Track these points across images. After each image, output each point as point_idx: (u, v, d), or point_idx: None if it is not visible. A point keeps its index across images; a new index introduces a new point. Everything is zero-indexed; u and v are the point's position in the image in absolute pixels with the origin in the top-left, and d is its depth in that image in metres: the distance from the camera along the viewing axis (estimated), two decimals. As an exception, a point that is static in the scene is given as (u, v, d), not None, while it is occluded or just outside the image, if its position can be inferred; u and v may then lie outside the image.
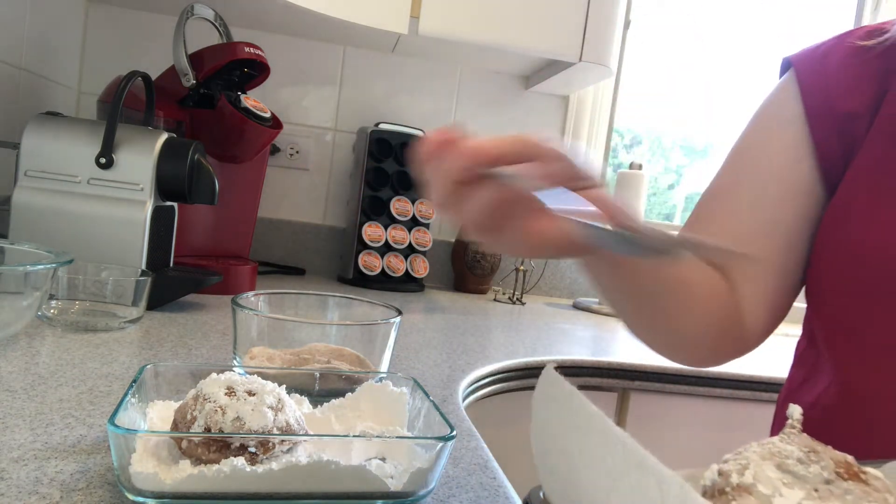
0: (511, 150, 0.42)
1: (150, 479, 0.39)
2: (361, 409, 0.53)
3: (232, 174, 1.22)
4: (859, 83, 0.60)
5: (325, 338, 0.65)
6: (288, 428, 0.44)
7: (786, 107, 0.64)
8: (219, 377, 0.46)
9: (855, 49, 0.62)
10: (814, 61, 0.64)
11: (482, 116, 1.68)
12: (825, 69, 0.63)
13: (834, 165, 0.61)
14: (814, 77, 0.63)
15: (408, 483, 0.43)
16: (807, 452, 0.32)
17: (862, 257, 0.56)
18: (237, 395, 0.44)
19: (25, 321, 0.70)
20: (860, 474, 0.31)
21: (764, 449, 0.32)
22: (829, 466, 0.31)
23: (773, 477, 0.31)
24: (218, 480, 0.39)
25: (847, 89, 0.61)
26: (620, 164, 1.97)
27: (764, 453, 0.32)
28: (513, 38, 1.35)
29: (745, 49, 1.93)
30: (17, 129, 0.98)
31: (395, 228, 1.47)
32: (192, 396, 0.45)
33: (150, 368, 0.50)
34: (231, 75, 1.20)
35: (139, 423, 0.46)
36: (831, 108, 0.61)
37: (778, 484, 0.30)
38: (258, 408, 0.43)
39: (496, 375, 0.93)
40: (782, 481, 0.30)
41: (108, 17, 1.47)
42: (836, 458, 0.32)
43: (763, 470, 0.31)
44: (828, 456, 0.32)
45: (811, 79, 0.63)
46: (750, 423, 1.14)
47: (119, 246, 0.92)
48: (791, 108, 0.63)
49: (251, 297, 0.70)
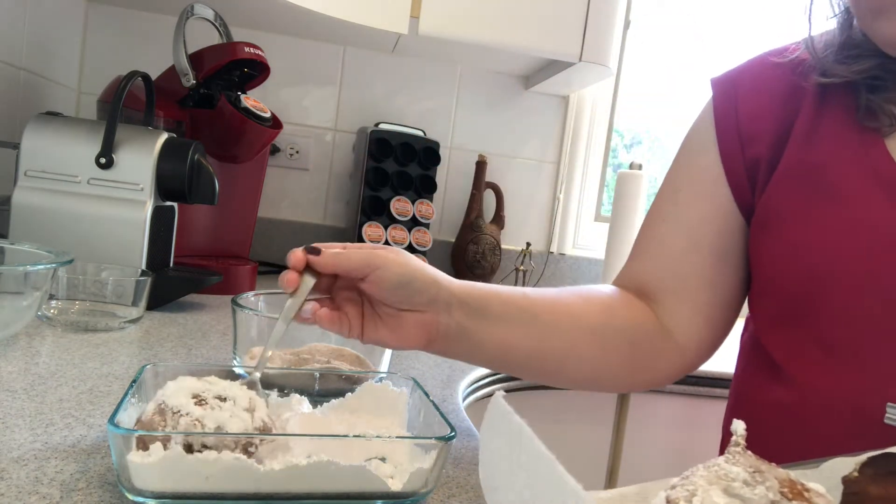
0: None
1: (150, 474, 0.39)
2: (361, 409, 0.53)
3: (232, 174, 1.22)
4: (764, 103, 0.62)
5: (325, 338, 0.65)
6: (264, 427, 0.44)
7: (704, 131, 0.66)
8: (178, 384, 0.43)
9: (766, 66, 0.64)
10: (728, 84, 0.66)
11: (482, 116, 1.68)
12: (736, 91, 0.65)
13: (743, 191, 0.63)
14: (725, 101, 0.65)
15: (408, 483, 0.43)
16: (752, 473, 0.32)
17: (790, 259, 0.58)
18: (208, 403, 0.42)
19: (25, 321, 0.70)
20: (804, 493, 0.32)
21: (710, 472, 0.33)
22: (773, 487, 0.32)
23: (720, 503, 0.31)
24: (219, 480, 0.39)
25: (753, 111, 0.63)
26: (620, 164, 1.97)
27: (710, 477, 0.32)
28: (513, 38, 1.35)
29: (745, 49, 1.92)
30: (17, 129, 0.98)
31: (395, 228, 1.47)
32: (156, 411, 0.42)
33: (150, 368, 0.50)
34: (231, 75, 1.20)
35: None
36: (738, 132, 0.63)
37: None
38: (236, 413, 0.42)
39: (496, 375, 0.93)
40: None
41: (108, 17, 1.47)
42: (781, 477, 0.33)
43: (710, 496, 0.31)
44: (772, 475, 0.32)
45: (722, 103, 0.65)
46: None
47: (119, 246, 0.92)
48: (708, 132, 0.66)
49: (251, 297, 0.70)
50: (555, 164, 1.74)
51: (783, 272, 0.59)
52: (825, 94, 0.60)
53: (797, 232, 0.58)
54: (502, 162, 1.70)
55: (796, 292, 0.58)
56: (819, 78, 0.59)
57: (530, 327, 0.59)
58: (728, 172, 0.63)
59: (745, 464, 0.33)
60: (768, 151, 0.61)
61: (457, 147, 1.68)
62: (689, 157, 0.68)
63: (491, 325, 0.57)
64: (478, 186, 1.62)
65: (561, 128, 1.73)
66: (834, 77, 0.58)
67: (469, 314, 0.56)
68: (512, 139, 1.71)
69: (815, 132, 0.59)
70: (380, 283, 0.51)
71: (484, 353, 0.59)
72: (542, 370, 0.62)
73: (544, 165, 1.74)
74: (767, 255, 0.61)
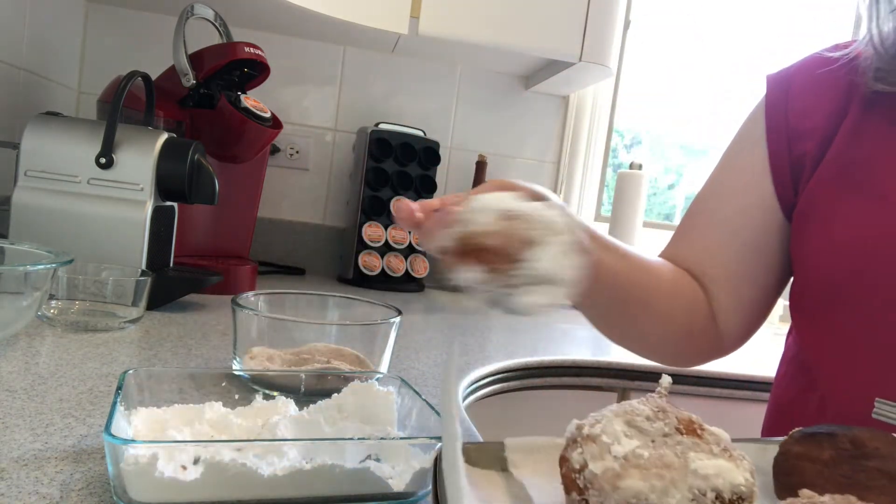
0: None
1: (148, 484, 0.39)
2: (349, 409, 0.52)
3: (232, 174, 1.22)
4: (817, 99, 0.62)
5: (325, 338, 0.65)
6: None
7: (755, 126, 0.67)
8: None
9: (821, 62, 0.63)
10: (783, 80, 0.66)
11: (482, 116, 1.68)
12: (790, 88, 0.65)
13: (786, 187, 0.63)
14: (777, 98, 0.65)
15: (409, 484, 0.43)
16: (656, 412, 0.37)
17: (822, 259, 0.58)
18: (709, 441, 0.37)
19: (25, 321, 0.70)
20: (698, 430, 0.37)
21: (620, 408, 0.38)
22: (671, 423, 0.37)
23: (618, 430, 0.36)
24: (222, 487, 0.39)
25: (804, 108, 0.63)
26: (620, 164, 1.97)
27: (618, 411, 0.38)
28: (513, 38, 1.35)
29: (746, 49, 1.93)
30: (17, 129, 0.98)
31: (395, 228, 1.47)
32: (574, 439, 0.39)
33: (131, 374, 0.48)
34: (231, 75, 1.20)
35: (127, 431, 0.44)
36: (787, 129, 0.63)
37: (620, 435, 0.36)
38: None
39: (496, 375, 0.93)
40: (625, 433, 0.36)
41: (108, 17, 1.47)
42: (683, 417, 0.37)
43: (612, 424, 0.36)
44: (674, 416, 0.37)
45: (774, 100, 0.65)
46: (749, 423, 1.14)
47: (119, 246, 0.92)
48: (758, 127, 0.66)
49: (251, 297, 0.70)
50: (555, 164, 1.74)
51: (822, 268, 0.59)
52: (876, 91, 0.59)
53: (838, 229, 0.58)
54: (502, 162, 1.70)
55: (835, 289, 0.58)
56: (876, 84, 0.58)
57: (625, 261, 0.61)
58: (773, 168, 0.64)
59: (653, 405, 0.38)
60: (815, 148, 0.61)
61: (457, 147, 1.68)
62: (737, 151, 0.69)
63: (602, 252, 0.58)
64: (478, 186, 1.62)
65: (561, 128, 1.73)
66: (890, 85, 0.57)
67: (596, 266, 0.55)
68: (512, 139, 1.71)
69: (862, 129, 0.59)
70: None
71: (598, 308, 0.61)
72: (625, 313, 0.63)
73: (544, 165, 1.73)
74: (807, 251, 0.61)
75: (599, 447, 0.36)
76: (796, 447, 0.40)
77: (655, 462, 0.34)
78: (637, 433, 0.36)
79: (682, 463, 0.34)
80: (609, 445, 0.35)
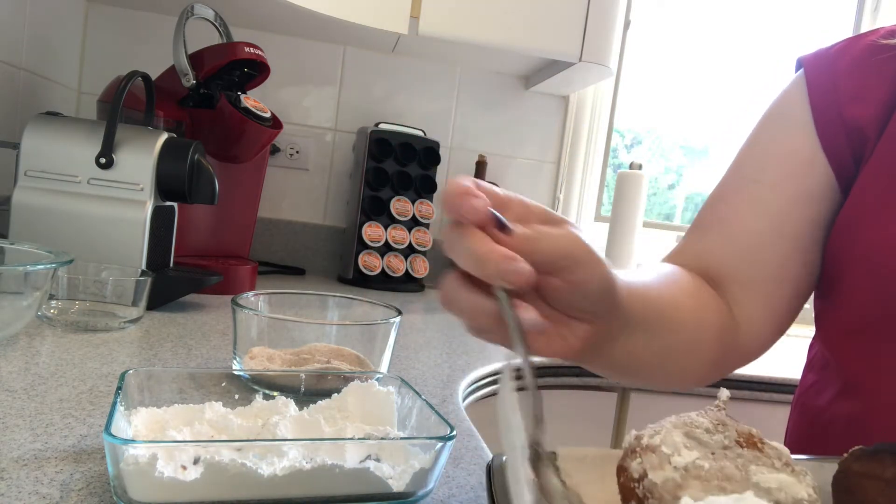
0: None
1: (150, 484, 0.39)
2: (349, 409, 0.52)
3: (232, 174, 1.22)
4: (869, 85, 0.58)
5: (325, 338, 0.65)
6: None
7: (794, 109, 0.62)
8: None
9: (872, 48, 0.59)
10: (825, 61, 0.62)
11: (482, 116, 1.68)
12: (835, 70, 0.60)
13: (846, 168, 0.59)
14: (823, 78, 0.61)
15: (409, 484, 0.43)
16: (716, 424, 0.37)
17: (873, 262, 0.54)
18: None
19: (25, 321, 0.70)
20: (758, 444, 0.36)
21: (680, 420, 0.37)
22: (731, 436, 0.36)
23: (678, 441, 0.35)
24: (222, 487, 0.39)
25: (856, 92, 0.59)
26: (620, 164, 1.97)
27: (678, 423, 0.37)
28: (513, 38, 1.35)
29: (745, 49, 1.93)
30: (17, 129, 0.98)
31: (395, 228, 1.47)
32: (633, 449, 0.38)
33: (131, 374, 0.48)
34: (231, 75, 1.20)
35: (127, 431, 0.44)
36: (838, 112, 0.59)
37: (680, 446, 0.35)
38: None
39: (496, 375, 0.93)
40: (685, 445, 0.35)
41: (108, 17, 1.47)
42: (742, 430, 0.37)
43: (671, 435, 0.36)
44: (734, 429, 0.37)
45: (820, 80, 0.61)
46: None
47: (119, 246, 0.92)
48: (799, 110, 0.61)
49: (251, 297, 0.70)
50: (555, 164, 1.74)
51: (862, 275, 0.55)
52: None
53: (880, 233, 0.54)
54: (502, 162, 1.70)
55: (874, 299, 0.54)
56: None
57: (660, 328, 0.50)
58: (828, 150, 0.59)
59: (712, 417, 0.38)
60: (873, 133, 0.57)
61: (457, 147, 1.68)
62: (773, 137, 0.63)
63: (630, 335, 0.46)
64: (478, 186, 1.62)
65: (561, 128, 1.73)
66: None
67: (622, 324, 0.44)
68: (512, 139, 1.71)
69: None
70: (583, 287, 0.38)
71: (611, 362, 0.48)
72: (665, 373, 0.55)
73: (544, 165, 1.73)
74: (847, 256, 0.57)
75: (659, 458, 0.35)
76: (857, 465, 0.39)
77: (716, 474, 0.34)
78: (697, 445, 0.35)
79: (743, 476, 0.34)
80: (669, 456, 0.35)
